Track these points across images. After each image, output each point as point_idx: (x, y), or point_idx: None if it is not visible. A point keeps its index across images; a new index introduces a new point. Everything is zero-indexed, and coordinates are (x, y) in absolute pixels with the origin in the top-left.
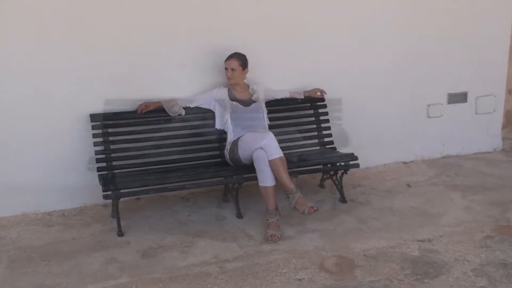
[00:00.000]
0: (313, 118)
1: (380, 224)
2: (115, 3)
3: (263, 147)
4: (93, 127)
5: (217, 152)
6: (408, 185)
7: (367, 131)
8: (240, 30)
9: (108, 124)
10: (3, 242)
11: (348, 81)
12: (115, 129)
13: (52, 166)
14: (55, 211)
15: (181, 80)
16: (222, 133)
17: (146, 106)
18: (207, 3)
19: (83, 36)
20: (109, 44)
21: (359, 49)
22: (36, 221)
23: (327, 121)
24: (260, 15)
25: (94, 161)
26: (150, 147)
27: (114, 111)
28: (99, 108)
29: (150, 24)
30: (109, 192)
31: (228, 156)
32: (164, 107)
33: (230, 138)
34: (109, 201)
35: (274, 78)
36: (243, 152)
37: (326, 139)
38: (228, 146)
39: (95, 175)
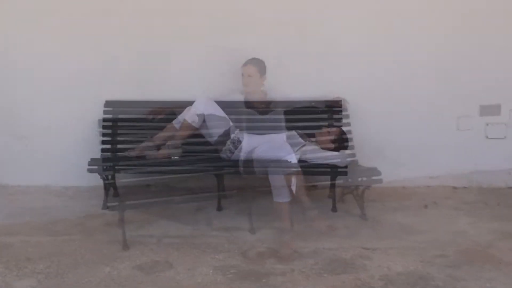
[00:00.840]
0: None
1: (401, 244)
2: (122, 4)
3: (280, 160)
4: (101, 134)
5: (230, 162)
6: (434, 203)
7: (389, 142)
8: (251, 32)
9: (116, 131)
10: (2, 250)
11: (368, 88)
12: (123, 137)
13: (56, 172)
14: (59, 219)
15: (192, 83)
16: (237, 143)
17: (158, 112)
18: (218, 4)
19: (90, 37)
20: (116, 46)
21: (382, 53)
22: (38, 229)
23: (349, 132)
24: (272, 17)
25: (101, 168)
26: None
27: (122, 117)
28: (101, 112)
29: (160, 25)
30: (115, 204)
31: (241, 167)
32: (177, 113)
33: (245, 148)
34: None
35: (288, 83)
36: (257, 164)
37: (347, 151)
38: (242, 157)
39: (100, 183)
